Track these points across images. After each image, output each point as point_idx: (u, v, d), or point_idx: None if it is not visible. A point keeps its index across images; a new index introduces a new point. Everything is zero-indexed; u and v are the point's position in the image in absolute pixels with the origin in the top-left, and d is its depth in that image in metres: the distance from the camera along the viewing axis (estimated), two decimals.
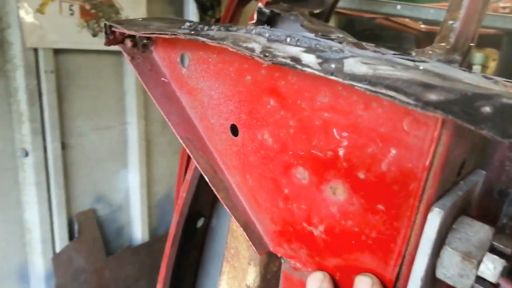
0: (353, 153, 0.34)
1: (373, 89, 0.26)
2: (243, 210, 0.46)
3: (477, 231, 0.33)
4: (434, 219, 0.31)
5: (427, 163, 0.30)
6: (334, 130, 0.35)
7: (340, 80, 0.28)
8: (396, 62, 0.29)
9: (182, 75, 0.49)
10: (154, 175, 2.31)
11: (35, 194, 1.70)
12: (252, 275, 0.50)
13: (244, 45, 0.34)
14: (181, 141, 0.47)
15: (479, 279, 0.32)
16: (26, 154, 1.67)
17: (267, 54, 0.32)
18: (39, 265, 1.78)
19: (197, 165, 0.47)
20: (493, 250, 0.32)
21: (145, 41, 0.52)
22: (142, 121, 2.13)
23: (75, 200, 1.91)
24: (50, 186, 1.76)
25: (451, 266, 0.33)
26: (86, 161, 1.94)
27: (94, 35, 1.86)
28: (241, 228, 0.44)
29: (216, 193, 0.46)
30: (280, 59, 0.31)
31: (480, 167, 0.39)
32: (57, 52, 1.73)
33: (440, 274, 0.34)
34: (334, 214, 0.37)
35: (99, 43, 1.84)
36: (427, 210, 0.31)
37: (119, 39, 0.50)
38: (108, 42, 0.50)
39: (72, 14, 1.77)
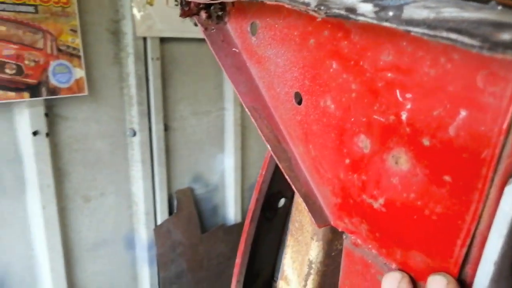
0: (417, 116, 0.30)
1: (432, 33, 0.23)
2: (305, 182, 0.44)
3: None
4: (509, 205, 0.26)
5: (505, 125, 0.25)
6: (397, 92, 0.31)
7: (394, 26, 0.25)
8: (468, 3, 0.24)
9: (252, 44, 0.49)
10: (248, 159, 2.38)
11: (141, 170, 1.88)
12: (315, 250, 0.48)
13: (300, 0, 0.32)
14: (246, 109, 0.48)
15: None
16: (134, 134, 1.84)
17: (322, 7, 0.30)
18: (143, 234, 1.96)
19: (260, 133, 0.46)
20: None
21: (219, 12, 0.53)
22: (238, 107, 2.20)
23: (175, 178, 2.06)
24: (153, 163, 1.92)
25: None
26: (186, 143, 2.08)
27: (196, 24, 1.97)
28: (302, 200, 0.43)
29: (278, 162, 0.45)
30: (334, 10, 0.29)
31: None
32: (162, 40, 1.87)
33: None
34: (396, 185, 0.34)
35: (200, 32, 1.95)
36: (504, 182, 0.27)
37: (194, 11, 0.52)
38: (183, 14, 0.51)
39: (177, 5, 1.89)
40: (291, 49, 0.42)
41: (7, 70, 1.42)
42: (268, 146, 0.46)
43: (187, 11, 0.51)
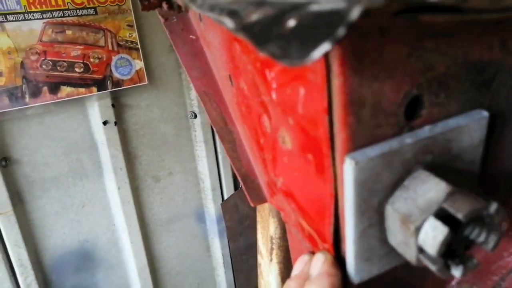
0: (280, 95, 0.30)
1: (212, 15, 0.23)
2: (247, 162, 0.46)
3: (429, 189, 0.25)
4: (348, 171, 0.25)
5: (325, 102, 0.24)
6: (267, 71, 0.31)
7: (201, 11, 0.25)
8: None
9: (201, 29, 0.50)
10: None
11: (204, 150, 1.99)
12: (272, 226, 0.49)
13: None
14: (197, 94, 0.50)
15: (423, 251, 0.25)
16: (195, 116, 1.95)
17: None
18: (211, 209, 2.09)
19: (208, 116, 0.48)
20: (441, 214, 0.24)
21: (179, 3, 0.55)
22: None
23: None
24: (216, 142, 2.02)
25: (395, 230, 0.27)
26: None
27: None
28: (239, 178, 0.44)
29: (222, 144, 0.47)
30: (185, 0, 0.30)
31: (491, 108, 0.29)
32: None
33: (391, 240, 0.28)
34: (287, 164, 0.34)
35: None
36: (343, 159, 0.26)
37: (156, 4, 0.55)
38: (145, 8, 0.55)
39: None
40: (218, 32, 0.43)
41: (77, 69, 1.59)
42: (214, 129, 0.47)
43: (148, 5, 0.54)
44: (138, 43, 1.70)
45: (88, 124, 1.71)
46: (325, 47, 0.15)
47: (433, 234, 0.24)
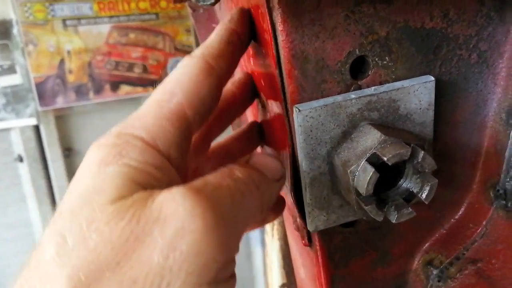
0: (254, 58, 0.34)
1: None
2: None
3: (367, 139, 0.28)
4: (296, 120, 0.29)
5: (274, 58, 0.28)
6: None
7: None
8: None
9: (220, 16, 0.56)
10: None
11: None
12: None
13: None
14: None
15: (359, 193, 0.28)
16: None
17: None
18: None
19: None
20: (372, 159, 0.27)
21: None
22: None
23: None
24: None
25: (341, 178, 0.30)
26: None
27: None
28: None
29: (232, 127, 0.51)
30: None
31: (442, 75, 0.31)
32: None
33: (340, 189, 0.31)
34: (266, 128, 0.38)
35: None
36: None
37: None
38: (176, 0, 0.61)
39: None
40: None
41: (136, 70, 1.74)
42: None
43: None
44: (194, 47, 1.81)
45: None
46: None
47: (363, 175, 0.27)
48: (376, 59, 0.29)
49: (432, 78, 0.29)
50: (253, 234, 2.18)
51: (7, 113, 1.54)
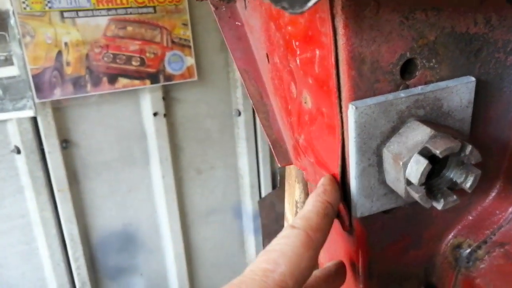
0: (302, 60, 0.37)
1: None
2: (278, 130, 0.53)
3: (416, 134, 0.31)
4: (351, 116, 0.31)
5: (333, 59, 0.31)
6: (293, 42, 0.38)
7: None
8: None
9: (246, 16, 0.58)
10: None
11: (246, 147, 2.07)
12: (297, 191, 0.55)
13: None
14: (238, 72, 0.57)
15: (411, 183, 0.31)
16: (239, 114, 2.04)
17: None
18: (248, 205, 2.17)
19: (247, 91, 0.56)
20: (423, 152, 0.30)
21: None
22: None
23: None
24: (257, 141, 2.10)
25: (390, 170, 0.33)
26: None
27: None
28: (270, 143, 0.51)
29: (257, 114, 0.54)
30: None
31: (480, 76, 0.34)
32: None
33: (388, 180, 0.34)
34: (307, 122, 0.40)
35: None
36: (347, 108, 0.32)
37: None
38: None
39: None
40: (258, 17, 0.51)
41: (133, 63, 1.74)
42: (251, 101, 0.55)
43: None
44: (191, 41, 1.82)
45: (139, 114, 1.85)
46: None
47: (416, 166, 0.30)
48: (424, 61, 0.32)
49: (473, 79, 0.33)
50: (246, 223, 2.21)
51: (4, 104, 1.52)
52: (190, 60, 1.83)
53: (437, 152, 0.29)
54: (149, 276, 2.03)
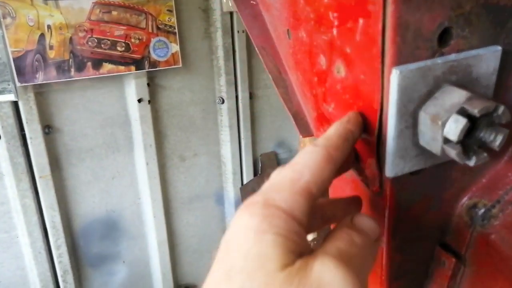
0: (340, 31, 0.39)
1: None
2: (297, 103, 0.55)
3: (453, 97, 0.34)
4: (393, 79, 0.34)
5: (380, 26, 0.33)
6: (330, 13, 0.40)
7: None
8: None
9: None
10: None
11: (229, 134, 2.09)
12: None
13: None
14: (256, 49, 0.59)
15: (448, 141, 0.34)
16: (223, 101, 2.05)
17: None
18: (230, 192, 2.19)
19: (265, 67, 0.58)
20: (461, 112, 0.33)
21: None
22: None
23: (260, 142, 2.24)
24: (240, 129, 2.12)
25: (426, 130, 0.36)
26: (270, 110, 2.23)
27: None
28: (291, 116, 0.53)
29: (276, 89, 0.56)
30: None
31: (506, 45, 0.37)
32: None
33: (422, 141, 0.37)
34: (339, 90, 0.43)
35: None
36: (390, 72, 0.35)
37: None
38: None
39: None
40: None
41: (118, 48, 1.71)
42: (270, 76, 0.57)
43: None
44: (176, 28, 1.81)
45: (124, 101, 1.83)
46: None
47: (456, 125, 0.33)
48: (459, 30, 0.35)
49: (500, 48, 0.36)
50: (228, 209, 2.23)
51: None
52: (175, 47, 1.83)
53: (475, 111, 0.32)
54: (132, 263, 2.02)
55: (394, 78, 0.34)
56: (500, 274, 0.42)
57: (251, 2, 0.63)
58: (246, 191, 2.20)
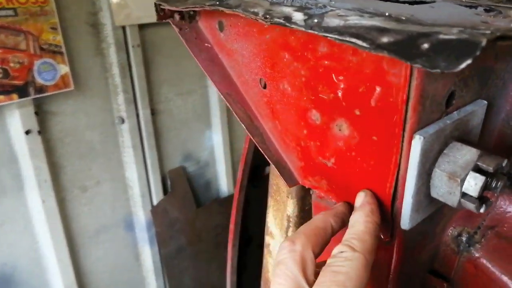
0: (348, 93, 0.40)
1: (340, 38, 0.32)
2: (276, 151, 0.54)
3: (465, 154, 0.37)
4: (416, 145, 0.36)
5: (404, 97, 0.35)
6: (333, 75, 0.40)
7: (316, 32, 0.33)
8: (367, 11, 0.33)
9: (221, 39, 0.57)
10: (235, 133, 2.47)
11: (133, 155, 1.96)
12: (291, 206, 0.58)
13: (251, 10, 0.41)
14: (222, 96, 0.56)
15: (465, 195, 0.37)
16: (123, 121, 1.91)
17: (267, 16, 0.39)
18: (141, 216, 2.07)
19: (235, 116, 0.55)
20: (476, 169, 0.36)
21: (191, 13, 0.61)
22: None
23: (167, 159, 2.15)
24: (144, 148, 2.01)
25: (441, 185, 0.38)
26: (174, 124, 2.15)
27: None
28: (274, 165, 0.52)
29: (252, 138, 0.54)
30: (276, 19, 0.38)
31: (487, 98, 0.42)
32: (141, 27, 1.91)
33: (434, 193, 0.39)
34: (341, 147, 0.43)
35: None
36: (411, 137, 0.36)
37: (169, 15, 0.60)
38: (160, 18, 0.59)
39: None
40: (252, 43, 0.51)
41: None
42: (243, 125, 0.55)
43: (163, 15, 0.58)
44: (63, 47, 1.62)
45: (6, 134, 1.58)
46: (468, 61, 0.25)
47: (475, 182, 0.36)
48: (459, 91, 0.38)
49: (485, 102, 0.41)
50: (140, 234, 2.11)
51: None
52: (64, 68, 1.64)
53: (490, 168, 0.36)
54: None
55: (417, 143, 0.36)
56: None
57: (206, 45, 0.60)
58: (157, 212, 2.10)
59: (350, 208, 0.44)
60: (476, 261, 0.48)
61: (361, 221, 0.40)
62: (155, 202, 2.09)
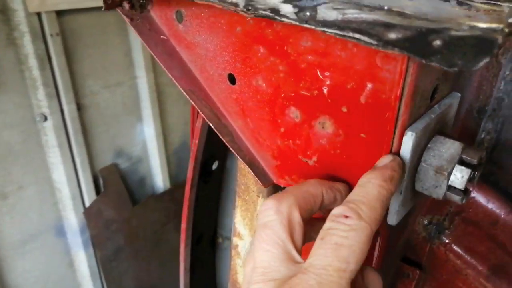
0: (335, 90, 0.38)
1: (342, 33, 0.30)
2: (247, 150, 0.51)
3: (449, 148, 0.38)
4: (408, 141, 0.36)
5: (398, 93, 0.34)
6: (318, 71, 0.39)
7: (313, 27, 0.31)
8: (364, 4, 0.32)
9: (179, 31, 0.52)
10: (168, 125, 2.38)
11: (59, 155, 1.80)
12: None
13: (229, 0, 0.37)
14: (184, 93, 0.52)
15: (451, 188, 0.38)
16: (45, 119, 1.74)
17: (249, 8, 0.36)
18: (72, 220, 1.92)
19: (201, 114, 0.51)
20: (461, 162, 0.37)
21: (141, 1, 0.55)
22: (151, 73, 2.15)
23: (97, 157, 2.01)
24: (71, 146, 1.85)
25: (426, 179, 0.39)
26: (102, 118, 2.01)
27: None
28: (247, 166, 0.50)
29: (221, 137, 0.51)
30: (261, 11, 0.35)
31: (457, 90, 0.43)
32: (60, 14, 1.73)
33: (418, 187, 0.40)
34: (324, 145, 0.42)
35: (100, 0, 1.84)
36: (402, 134, 0.36)
37: (117, 3, 0.53)
38: (107, 7, 0.53)
39: None
40: (219, 36, 0.47)
41: None
42: (211, 125, 0.51)
43: (110, 4, 0.52)
44: None
45: None
46: (487, 59, 0.25)
47: (461, 175, 0.37)
48: (441, 86, 0.39)
49: (459, 94, 0.42)
50: (72, 239, 1.97)
51: None
52: None
53: (474, 161, 0.37)
54: None
55: (409, 139, 0.36)
56: (458, 275, 0.50)
57: (161, 37, 0.55)
58: (91, 213, 1.96)
59: (347, 191, 0.41)
60: (446, 247, 0.50)
61: (376, 183, 0.34)
62: (87, 204, 1.95)
